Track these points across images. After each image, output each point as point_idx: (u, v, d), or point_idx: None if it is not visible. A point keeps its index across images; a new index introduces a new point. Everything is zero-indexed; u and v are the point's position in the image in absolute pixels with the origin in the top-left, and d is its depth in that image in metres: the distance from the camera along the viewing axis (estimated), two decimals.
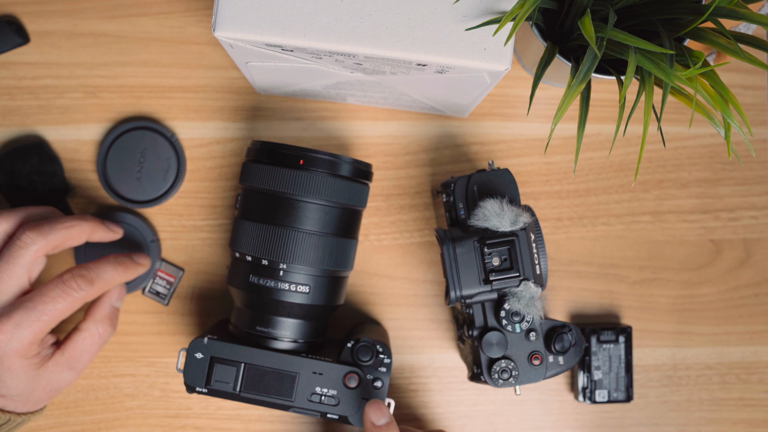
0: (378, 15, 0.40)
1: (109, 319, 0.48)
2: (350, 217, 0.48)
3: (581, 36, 0.44)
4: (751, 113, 0.58)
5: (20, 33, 0.55)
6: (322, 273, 0.46)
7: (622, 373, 0.54)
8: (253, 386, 0.44)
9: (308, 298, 0.46)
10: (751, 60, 0.38)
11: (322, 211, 0.46)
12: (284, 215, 0.45)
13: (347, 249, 0.48)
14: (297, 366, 0.45)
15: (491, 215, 0.45)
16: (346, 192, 0.46)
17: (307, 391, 0.44)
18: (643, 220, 0.57)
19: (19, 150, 0.54)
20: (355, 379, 0.45)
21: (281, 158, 0.46)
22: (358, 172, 0.48)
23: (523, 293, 0.45)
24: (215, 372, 0.44)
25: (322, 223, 0.46)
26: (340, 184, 0.46)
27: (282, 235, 0.45)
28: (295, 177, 0.45)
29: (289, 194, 0.45)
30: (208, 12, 0.56)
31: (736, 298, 0.57)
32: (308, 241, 0.45)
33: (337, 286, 0.48)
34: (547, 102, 0.58)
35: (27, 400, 0.45)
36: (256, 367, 0.44)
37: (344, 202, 0.47)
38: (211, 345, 0.44)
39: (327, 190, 0.46)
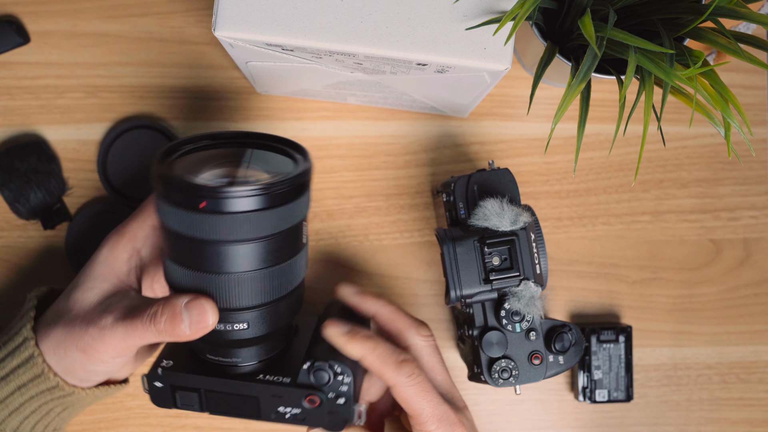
0: (378, 15, 0.40)
1: None
2: (290, 236, 0.39)
3: (581, 36, 0.44)
4: (751, 113, 0.59)
5: (20, 33, 0.55)
6: (261, 306, 0.40)
7: (622, 372, 0.54)
8: (217, 407, 0.43)
9: (250, 332, 0.40)
10: (751, 60, 0.38)
11: (252, 249, 0.38)
12: (205, 261, 0.37)
13: (292, 269, 0.41)
14: (255, 390, 0.42)
15: (491, 215, 0.45)
16: (281, 219, 0.38)
17: (270, 409, 0.42)
18: (643, 220, 0.57)
19: (17, 148, 0.54)
20: (315, 400, 0.42)
21: (179, 198, 0.36)
22: (293, 191, 0.38)
23: (523, 293, 0.45)
24: (178, 397, 0.42)
25: (256, 260, 0.38)
26: (271, 215, 0.37)
27: (208, 283, 0.38)
28: (204, 221, 0.36)
29: (203, 238, 0.36)
30: (208, 12, 0.56)
31: (735, 298, 0.57)
32: (240, 283, 0.38)
33: (286, 306, 0.42)
34: (547, 102, 0.58)
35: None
36: (216, 392, 0.42)
37: (279, 230, 0.38)
38: (167, 375, 0.41)
39: (252, 228, 0.37)
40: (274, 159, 0.41)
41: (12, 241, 0.55)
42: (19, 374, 0.41)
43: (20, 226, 0.55)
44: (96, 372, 0.42)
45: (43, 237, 0.55)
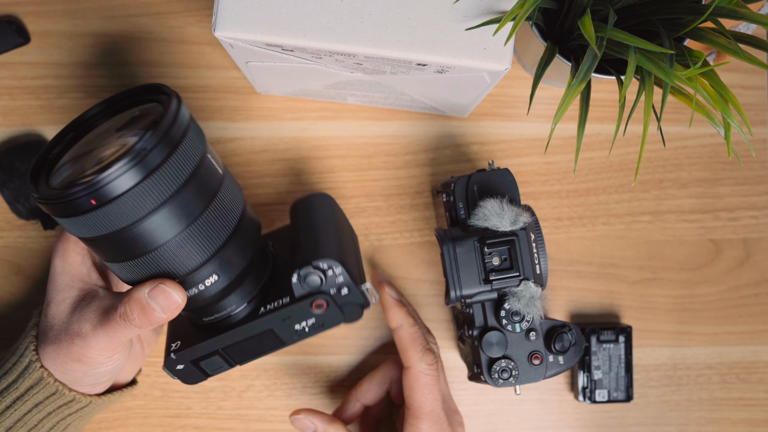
0: (378, 15, 0.40)
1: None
2: (198, 179, 0.37)
3: (581, 36, 0.44)
4: (751, 113, 0.59)
5: (21, 33, 0.55)
6: (215, 254, 0.38)
7: (622, 372, 0.54)
8: (243, 356, 0.42)
9: (224, 280, 0.40)
10: (751, 60, 0.38)
11: (167, 212, 0.36)
12: (135, 247, 0.36)
13: (223, 206, 0.38)
14: (264, 324, 0.41)
15: (491, 215, 0.45)
16: (175, 172, 0.35)
17: (288, 332, 0.42)
18: (643, 220, 0.57)
19: (17, 148, 0.54)
20: (321, 303, 0.41)
21: (70, 209, 0.34)
22: (169, 140, 0.35)
23: (523, 293, 0.45)
24: (204, 367, 0.43)
25: (180, 219, 0.36)
26: (163, 175, 0.35)
27: (153, 263, 0.37)
28: (104, 216, 0.34)
29: (115, 230, 0.35)
30: (208, 12, 0.56)
31: (735, 298, 0.57)
32: (181, 246, 0.37)
33: (240, 240, 0.40)
34: (547, 102, 0.58)
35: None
36: (231, 348, 0.42)
37: (182, 181, 0.36)
38: (181, 356, 0.42)
39: (152, 196, 0.35)
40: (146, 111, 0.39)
41: (12, 241, 0.55)
42: (34, 393, 0.42)
43: (20, 226, 0.55)
44: (101, 374, 0.42)
45: (43, 237, 0.55)
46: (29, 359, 0.42)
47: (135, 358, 0.48)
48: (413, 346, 0.45)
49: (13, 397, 0.42)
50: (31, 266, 0.55)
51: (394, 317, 0.46)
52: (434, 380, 0.44)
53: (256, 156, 0.56)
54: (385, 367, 0.51)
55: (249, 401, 0.55)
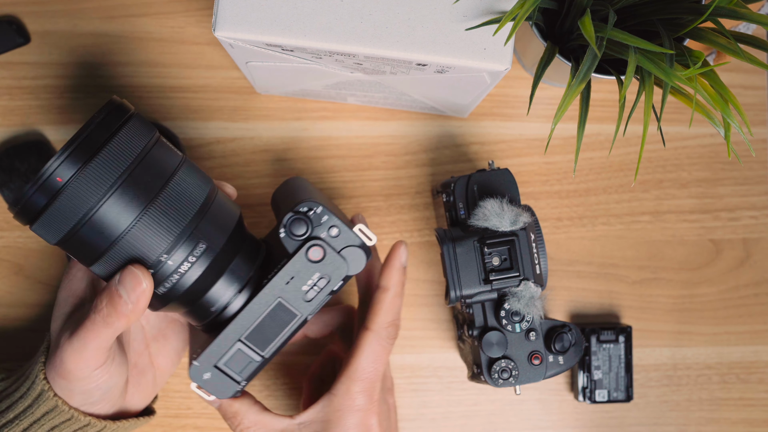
0: (378, 15, 0.40)
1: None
2: (149, 161, 0.37)
3: (581, 36, 0.44)
4: (751, 113, 0.59)
5: (21, 33, 0.55)
6: (182, 235, 0.38)
7: (622, 372, 0.54)
8: (266, 341, 0.41)
9: (201, 264, 0.39)
10: (751, 60, 0.38)
11: (119, 198, 0.36)
12: (99, 241, 0.37)
13: (183, 187, 0.38)
14: (270, 296, 0.40)
15: (491, 215, 0.45)
16: (118, 156, 0.36)
17: (298, 298, 0.40)
18: (642, 220, 0.57)
19: (17, 148, 0.54)
20: (317, 251, 0.40)
21: (27, 214, 0.36)
22: (105, 124, 0.36)
23: (523, 293, 0.45)
24: (231, 370, 0.41)
25: (135, 203, 0.37)
26: (103, 161, 0.36)
27: (119, 255, 0.37)
28: (54, 215, 0.36)
29: (75, 226, 0.36)
30: (208, 12, 0.56)
31: (735, 298, 0.57)
32: (144, 231, 0.37)
33: (211, 219, 0.39)
34: (547, 102, 0.58)
35: None
36: (249, 334, 0.40)
37: (128, 163, 0.36)
38: (203, 362, 0.40)
39: (97, 182, 0.35)
40: None
41: (12, 241, 0.55)
42: (50, 419, 0.42)
43: (20, 226, 0.55)
44: (89, 392, 0.41)
45: None
46: (41, 388, 0.41)
47: (145, 386, 0.46)
48: (387, 314, 0.43)
49: (30, 421, 0.42)
50: (31, 266, 0.55)
51: (390, 277, 0.44)
52: (385, 353, 0.44)
53: (256, 156, 0.56)
54: (337, 309, 0.50)
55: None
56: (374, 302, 0.44)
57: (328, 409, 0.43)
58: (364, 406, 0.43)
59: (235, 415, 0.43)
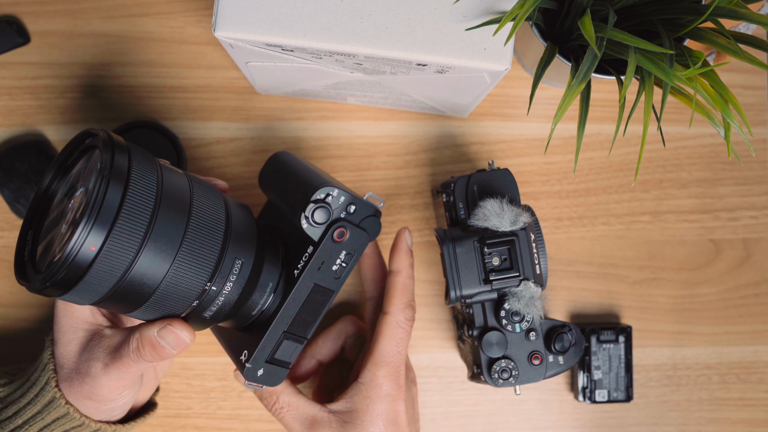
0: (378, 15, 0.40)
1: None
2: (167, 202, 0.36)
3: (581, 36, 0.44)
4: (751, 113, 0.59)
5: (21, 33, 0.55)
6: (220, 261, 0.38)
7: (622, 372, 0.54)
8: (307, 325, 0.41)
9: (239, 284, 0.39)
10: (751, 60, 0.38)
11: (153, 248, 0.35)
12: (139, 293, 0.36)
13: (204, 216, 0.38)
14: (306, 283, 0.40)
15: (491, 215, 0.45)
16: (136, 211, 0.34)
17: (329, 278, 0.41)
18: (642, 220, 0.57)
19: (17, 148, 0.54)
20: (342, 232, 0.40)
21: (64, 286, 0.34)
22: (120, 180, 0.34)
23: (523, 293, 0.45)
24: (281, 357, 0.41)
25: (167, 251, 0.36)
26: (127, 219, 0.34)
27: (161, 301, 0.37)
28: (94, 280, 0.34)
29: (114, 285, 0.35)
30: (208, 12, 0.56)
31: (735, 298, 0.57)
32: (179, 274, 0.36)
33: (235, 241, 0.39)
34: (547, 102, 0.58)
35: None
36: (291, 324, 0.41)
37: (147, 215, 0.35)
38: (255, 361, 0.41)
39: (126, 242, 0.34)
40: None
41: (12, 241, 0.55)
42: (61, 424, 0.42)
43: (20, 225, 0.55)
44: (112, 409, 0.43)
45: None
46: (52, 395, 0.42)
47: (148, 381, 0.48)
48: (402, 295, 0.45)
49: (40, 426, 0.43)
50: None
51: (399, 260, 0.46)
52: (405, 334, 0.45)
53: (256, 156, 0.56)
54: (340, 323, 0.52)
55: (249, 401, 0.55)
56: (388, 287, 0.45)
57: (356, 398, 0.44)
58: (391, 392, 0.44)
59: (271, 395, 0.44)
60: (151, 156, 0.37)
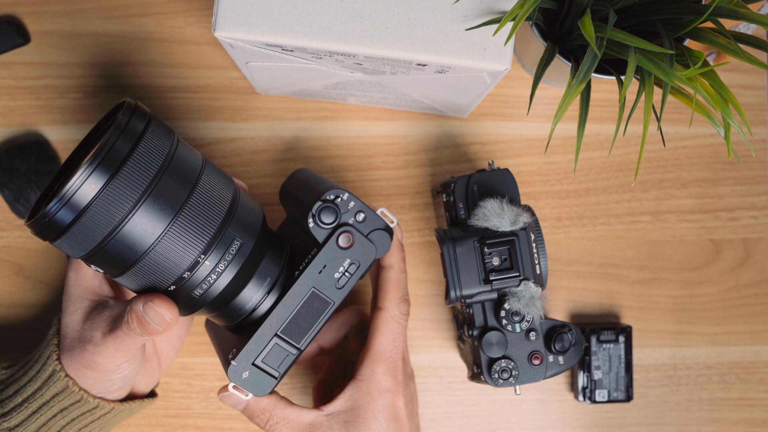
0: (378, 15, 0.40)
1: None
2: (173, 171, 0.36)
3: (581, 36, 0.44)
4: (751, 113, 0.59)
5: (21, 33, 0.55)
6: (215, 239, 0.37)
7: (622, 372, 0.54)
8: (301, 333, 0.40)
9: (238, 262, 0.38)
10: (751, 60, 0.38)
11: (148, 210, 0.35)
12: (127, 254, 0.36)
13: (209, 193, 0.38)
14: (304, 287, 0.40)
15: (491, 215, 0.45)
16: (144, 166, 0.35)
17: (329, 286, 0.40)
18: (643, 220, 0.57)
19: (17, 148, 0.54)
20: (346, 237, 0.40)
21: (50, 228, 0.35)
22: (131, 131, 0.35)
23: (523, 293, 0.45)
24: (268, 366, 0.40)
25: (163, 215, 0.36)
26: (130, 172, 0.35)
27: (148, 268, 0.37)
28: (83, 228, 0.35)
29: (102, 240, 0.35)
30: (208, 12, 0.56)
31: (736, 298, 0.57)
32: (173, 243, 0.36)
33: (236, 224, 0.39)
34: (547, 102, 0.58)
35: None
36: (284, 328, 0.40)
37: (153, 175, 0.35)
38: (240, 361, 0.39)
39: (125, 194, 0.35)
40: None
41: (12, 241, 0.55)
42: (60, 400, 0.43)
43: (20, 226, 0.55)
44: (111, 381, 0.43)
45: None
46: (53, 368, 0.42)
47: (151, 372, 0.48)
48: (396, 290, 0.45)
49: (39, 403, 0.43)
50: (31, 266, 0.55)
51: (391, 255, 0.45)
52: (402, 329, 0.45)
53: (256, 156, 0.56)
54: (346, 312, 0.51)
55: None
56: (381, 282, 0.45)
57: (356, 396, 0.43)
58: (390, 387, 0.43)
59: (263, 411, 0.43)
60: (171, 130, 0.38)
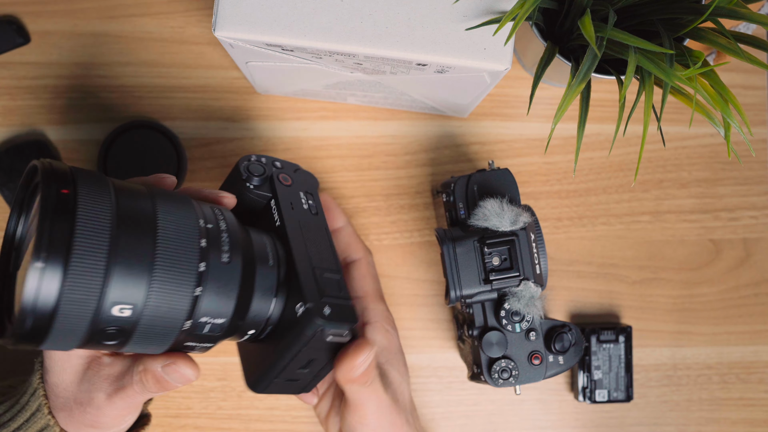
0: (378, 15, 0.40)
1: None
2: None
3: (581, 36, 0.44)
4: (751, 113, 0.59)
5: (21, 33, 0.55)
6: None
7: (622, 372, 0.54)
8: (325, 256, 0.39)
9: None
10: (751, 60, 0.38)
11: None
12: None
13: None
14: (293, 224, 0.39)
15: (491, 215, 0.45)
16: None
17: (308, 213, 0.41)
18: (643, 220, 0.57)
19: (17, 148, 0.54)
20: (283, 177, 0.42)
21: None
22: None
23: (523, 293, 0.45)
24: (335, 296, 0.37)
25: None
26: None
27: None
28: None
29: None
30: (208, 12, 0.56)
31: (735, 298, 0.57)
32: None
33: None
34: (547, 102, 0.58)
35: None
36: (313, 260, 0.38)
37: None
38: (315, 302, 0.35)
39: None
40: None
41: None
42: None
43: None
44: (115, 430, 0.42)
45: None
46: (45, 422, 0.40)
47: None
48: (358, 240, 0.48)
49: None
50: None
51: (336, 217, 0.48)
52: (375, 271, 0.49)
53: None
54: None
55: (249, 401, 0.55)
56: (342, 240, 0.48)
57: (382, 335, 0.45)
58: (391, 317, 0.47)
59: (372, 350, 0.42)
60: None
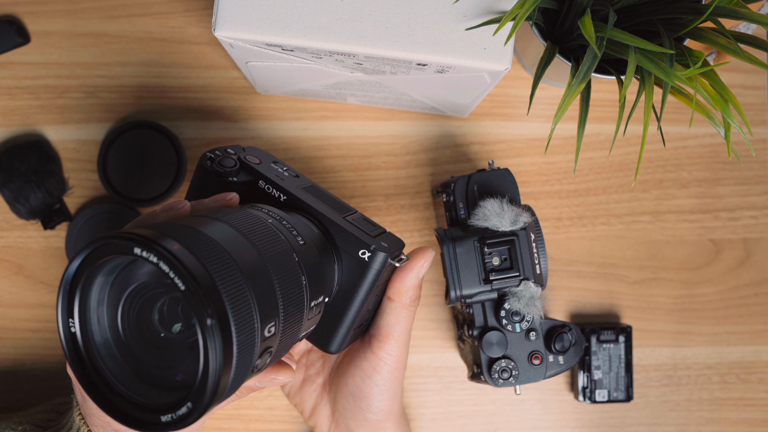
0: (378, 15, 0.40)
1: None
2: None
3: (581, 36, 0.44)
4: (751, 113, 0.59)
5: (21, 33, 0.55)
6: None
7: (622, 372, 0.54)
8: (342, 204, 0.41)
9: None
10: (751, 60, 0.38)
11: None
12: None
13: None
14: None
15: (491, 215, 0.45)
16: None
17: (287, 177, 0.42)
18: (643, 220, 0.57)
19: (17, 148, 0.54)
20: (251, 158, 0.42)
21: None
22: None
23: (523, 293, 0.45)
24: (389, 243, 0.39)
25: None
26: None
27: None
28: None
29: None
30: (208, 12, 0.56)
31: (736, 298, 0.57)
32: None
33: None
34: (547, 102, 0.58)
35: None
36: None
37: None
38: (376, 247, 0.38)
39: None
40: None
41: (12, 241, 0.55)
42: None
43: (20, 226, 0.55)
44: None
45: (43, 237, 0.55)
46: None
47: None
48: (411, 281, 0.42)
49: None
50: (31, 266, 0.55)
51: (426, 258, 0.42)
52: (409, 316, 0.44)
53: None
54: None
55: (249, 401, 0.55)
56: (404, 277, 0.42)
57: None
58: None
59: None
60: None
